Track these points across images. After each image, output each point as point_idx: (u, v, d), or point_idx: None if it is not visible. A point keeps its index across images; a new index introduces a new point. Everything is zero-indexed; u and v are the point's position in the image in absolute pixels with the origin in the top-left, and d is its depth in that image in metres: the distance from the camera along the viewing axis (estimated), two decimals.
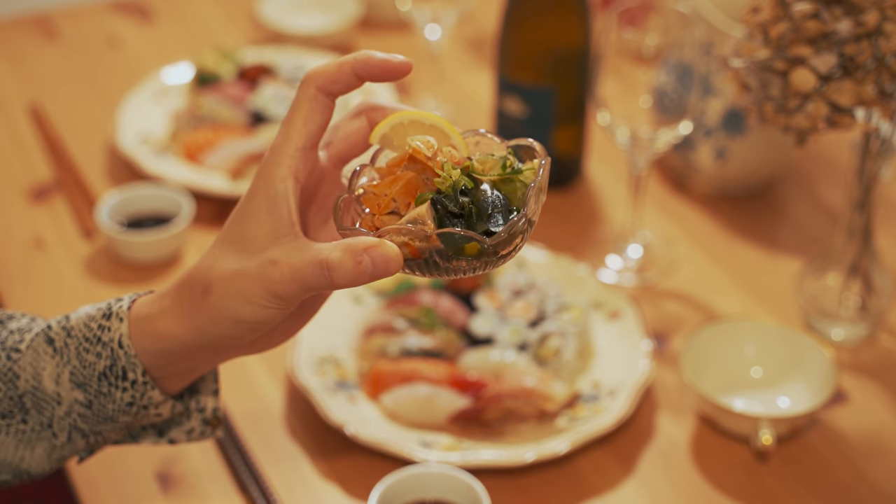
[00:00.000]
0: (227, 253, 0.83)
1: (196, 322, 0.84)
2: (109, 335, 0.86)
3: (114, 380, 0.87)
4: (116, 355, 0.86)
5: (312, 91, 0.84)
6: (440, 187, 0.80)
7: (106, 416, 0.89)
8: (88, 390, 0.87)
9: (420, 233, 0.79)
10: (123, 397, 0.87)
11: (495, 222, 0.81)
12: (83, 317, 0.88)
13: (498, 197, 0.82)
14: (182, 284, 0.85)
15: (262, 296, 0.81)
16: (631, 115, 1.32)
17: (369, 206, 0.83)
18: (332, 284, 0.79)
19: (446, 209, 0.80)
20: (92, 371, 0.87)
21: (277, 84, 1.65)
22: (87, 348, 0.87)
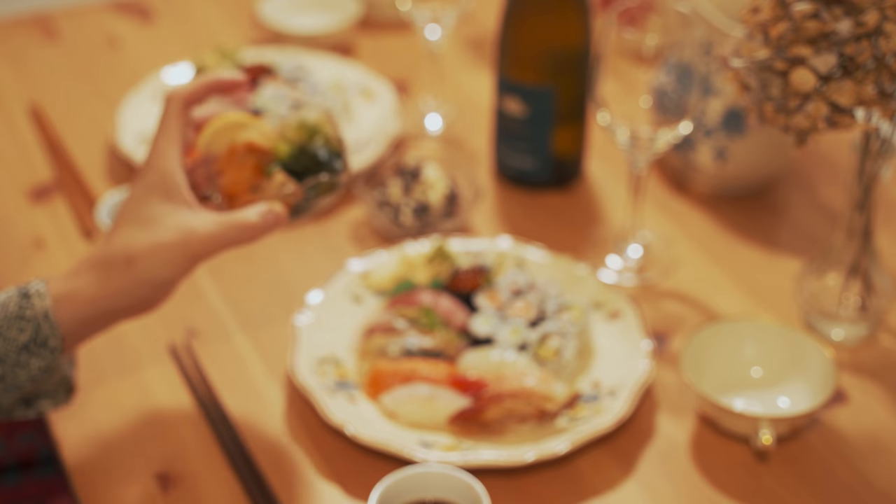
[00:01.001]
0: (137, 231, 1.06)
1: (120, 288, 1.06)
2: (33, 311, 1.04)
3: (35, 348, 1.04)
4: (40, 327, 1.04)
5: (179, 105, 1.12)
6: (279, 156, 1.14)
7: (15, 386, 1.05)
8: (6, 362, 1.04)
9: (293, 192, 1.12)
10: (39, 365, 1.05)
11: (330, 164, 1.14)
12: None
13: (325, 147, 1.15)
14: (99, 261, 1.06)
15: (184, 259, 1.07)
16: (631, 115, 1.32)
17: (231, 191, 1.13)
18: (249, 240, 1.08)
19: (293, 170, 1.14)
20: (13, 345, 1.04)
21: (277, 84, 1.65)
22: (9, 325, 1.04)
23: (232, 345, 1.31)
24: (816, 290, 1.31)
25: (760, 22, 1.15)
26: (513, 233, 1.48)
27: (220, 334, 1.33)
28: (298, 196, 1.13)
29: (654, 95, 1.34)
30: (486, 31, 1.90)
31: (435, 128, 1.68)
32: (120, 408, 1.23)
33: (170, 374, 1.27)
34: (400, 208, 1.43)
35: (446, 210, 1.43)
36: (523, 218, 1.51)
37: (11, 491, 1.42)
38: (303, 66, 1.69)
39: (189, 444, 1.19)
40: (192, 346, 1.31)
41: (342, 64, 1.74)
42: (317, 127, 1.15)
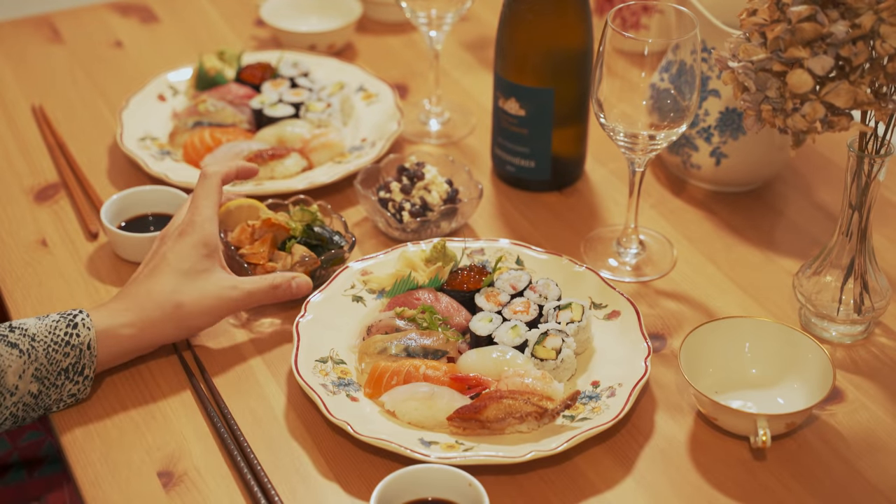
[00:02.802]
0: (185, 282, 1.24)
1: (162, 331, 1.23)
2: (79, 339, 1.17)
3: (72, 375, 1.18)
4: (83, 355, 1.18)
5: (218, 181, 1.32)
6: (294, 234, 1.38)
7: (44, 406, 1.18)
8: (45, 384, 1.16)
9: (312, 262, 1.36)
10: (71, 389, 1.19)
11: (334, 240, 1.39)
12: (43, 326, 1.17)
13: (323, 228, 1.40)
14: (145, 304, 1.22)
15: (225, 310, 1.26)
16: (630, 116, 1.33)
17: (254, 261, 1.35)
18: (275, 299, 1.29)
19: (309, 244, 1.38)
20: (57, 368, 1.17)
21: (278, 85, 1.66)
22: (55, 350, 1.16)
23: (233, 344, 1.32)
24: (813, 290, 1.32)
25: (758, 24, 1.15)
26: (512, 233, 1.49)
27: (222, 334, 1.33)
28: (316, 265, 1.35)
29: (652, 96, 1.34)
30: (486, 32, 1.91)
31: (435, 128, 1.69)
32: (122, 407, 1.24)
33: (172, 374, 1.28)
34: (400, 208, 1.44)
35: (446, 210, 1.44)
36: (523, 218, 1.52)
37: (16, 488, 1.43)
38: (303, 66, 1.70)
39: (191, 442, 1.20)
40: (194, 346, 1.31)
41: (342, 64, 1.75)
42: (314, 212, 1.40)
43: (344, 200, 1.53)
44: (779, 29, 1.13)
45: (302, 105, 1.62)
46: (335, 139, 1.59)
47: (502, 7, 1.48)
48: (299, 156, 1.56)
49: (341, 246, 1.38)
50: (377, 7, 1.92)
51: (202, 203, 1.29)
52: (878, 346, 1.33)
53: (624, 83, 1.31)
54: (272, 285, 1.28)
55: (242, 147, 1.55)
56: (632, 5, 1.55)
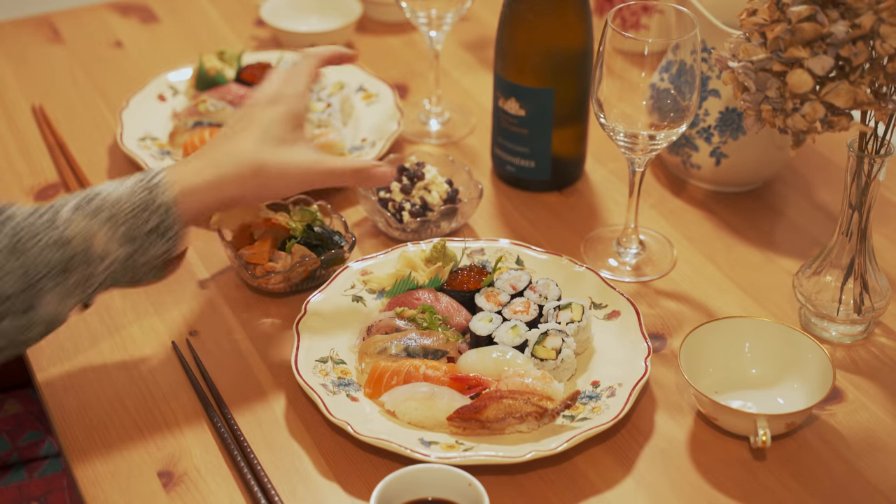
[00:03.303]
0: (270, 147, 1.23)
1: (241, 190, 1.22)
2: (159, 200, 1.17)
3: (158, 235, 1.18)
4: (167, 215, 1.18)
5: (316, 62, 1.32)
6: (294, 234, 1.38)
7: (135, 267, 1.18)
8: (134, 245, 1.17)
9: (312, 262, 1.36)
10: (161, 248, 1.18)
11: (334, 240, 1.39)
12: (123, 190, 1.17)
13: (323, 228, 1.40)
14: (224, 162, 1.21)
15: (303, 182, 1.25)
16: (630, 116, 1.33)
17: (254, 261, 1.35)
18: (355, 182, 1.29)
19: (309, 244, 1.38)
20: (143, 230, 1.17)
21: None
22: (138, 213, 1.16)
23: (233, 344, 1.32)
24: (813, 290, 1.32)
25: (758, 24, 1.15)
26: (512, 233, 1.49)
27: (222, 333, 1.33)
28: (316, 265, 1.36)
29: (652, 96, 1.34)
30: (486, 32, 1.91)
31: (435, 128, 1.69)
32: (123, 406, 1.24)
33: (172, 374, 1.28)
34: (400, 208, 1.44)
35: (446, 210, 1.44)
36: (523, 218, 1.52)
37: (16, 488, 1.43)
38: None
39: (191, 442, 1.20)
40: (195, 346, 1.32)
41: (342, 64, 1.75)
42: (314, 212, 1.41)
43: (344, 200, 1.54)
44: (779, 29, 1.13)
45: None
46: (335, 139, 1.59)
47: (502, 7, 1.49)
48: None
49: (341, 246, 1.39)
50: (377, 7, 1.92)
51: (295, 78, 1.29)
52: (878, 346, 1.33)
53: (624, 83, 1.31)
54: (354, 168, 1.28)
55: None
56: (632, 5, 1.55)
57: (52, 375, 1.28)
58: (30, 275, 1.11)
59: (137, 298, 1.38)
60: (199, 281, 1.41)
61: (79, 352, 1.31)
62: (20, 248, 1.11)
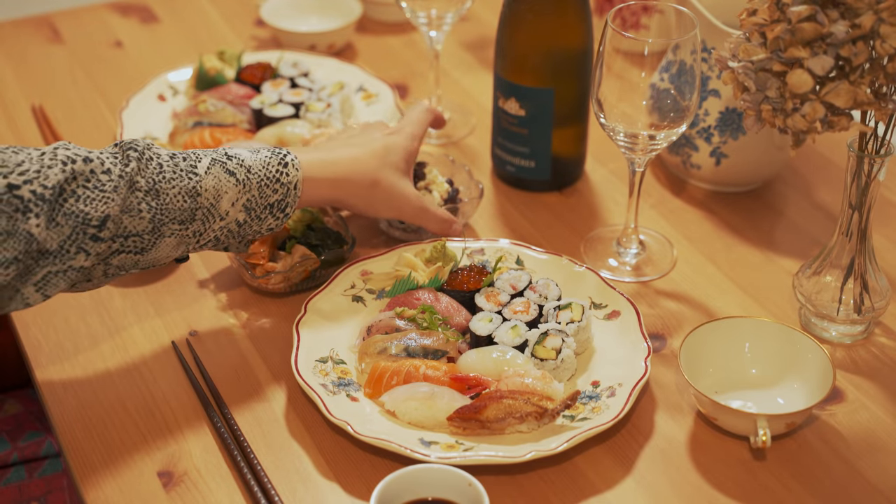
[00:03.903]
0: (389, 171, 1.33)
1: (351, 197, 1.32)
2: (288, 179, 1.25)
3: (276, 211, 1.25)
4: (289, 193, 1.25)
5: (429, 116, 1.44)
6: (294, 234, 1.40)
7: (242, 234, 1.24)
8: (252, 214, 1.23)
9: (312, 262, 1.37)
10: (271, 224, 1.25)
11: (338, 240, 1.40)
12: (258, 160, 1.23)
13: (323, 228, 1.42)
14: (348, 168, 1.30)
15: (400, 210, 1.35)
16: (630, 116, 1.33)
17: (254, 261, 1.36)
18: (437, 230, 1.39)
19: (309, 244, 1.39)
20: (265, 202, 1.23)
21: (278, 85, 1.66)
22: (267, 185, 1.23)
23: (233, 344, 1.32)
24: (813, 290, 1.32)
25: (758, 24, 1.16)
26: (512, 233, 1.49)
27: (222, 333, 1.33)
28: (316, 265, 1.37)
29: (652, 96, 1.34)
30: (486, 32, 1.91)
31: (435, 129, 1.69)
32: (123, 406, 1.24)
33: (172, 374, 1.28)
34: None
35: (447, 210, 1.44)
36: (523, 218, 1.52)
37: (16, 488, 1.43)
38: (303, 66, 1.70)
39: (191, 442, 1.20)
40: (195, 346, 1.32)
41: (342, 64, 1.75)
42: (314, 212, 1.42)
43: None
44: (779, 29, 1.13)
45: (302, 105, 1.62)
46: None
47: (502, 7, 1.49)
48: None
49: (341, 246, 1.39)
50: (377, 7, 1.92)
51: (411, 124, 1.40)
52: (878, 346, 1.33)
53: (624, 83, 1.31)
54: (442, 218, 1.38)
55: None
56: (632, 5, 1.55)
57: (52, 375, 1.28)
58: (159, 217, 1.16)
59: (137, 299, 1.38)
60: (199, 281, 1.41)
61: (79, 352, 1.31)
62: (158, 190, 1.16)
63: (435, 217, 1.38)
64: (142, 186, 1.15)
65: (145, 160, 1.16)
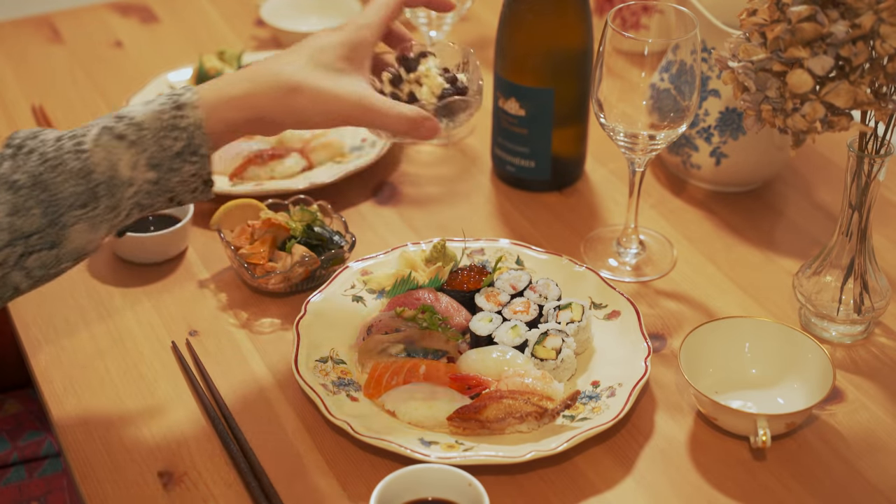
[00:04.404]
0: (313, 70, 1.15)
1: (271, 111, 1.14)
2: (187, 121, 1.11)
3: (188, 156, 1.12)
4: (193, 136, 1.11)
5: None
6: (294, 234, 1.38)
7: (167, 189, 1.13)
8: (161, 169, 1.11)
9: (312, 262, 1.36)
10: (190, 170, 1.12)
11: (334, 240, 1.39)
12: (149, 112, 1.11)
13: (323, 228, 1.40)
14: (262, 79, 1.14)
15: (339, 115, 1.15)
16: (630, 116, 1.33)
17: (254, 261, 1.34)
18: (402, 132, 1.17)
19: (309, 244, 1.38)
20: (168, 152, 1.11)
21: None
22: (164, 135, 1.11)
23: (233, 344, 1.32)
24: (813, 290, 1.32)
25: (758, 24, 1.16)
26: (512, 233, 1.49)
27: (222, 333, 1.33)
28: (316, 265, 1.36)
29: (652, 96, 1.34)
30: (486, 32, 1.91)
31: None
32: (123, 407, 1.24)
33: (172, 374, 1.28)
34: None
35: (439, 111, 1.24)
36: (523, 218, 1.52)
37: (16, 488, 1.43)
38: None
39: (191, 443, 1.20)
40: (195, 346, 1.32)
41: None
42: (314, 212, 1.40)
43: (344, 200, 1.54)
44: (779, 29, 1.13)
45: None
46: (335, 139, 1.59)
47: (502, 7, 1.49)
48: (299, 156, 1.56)
49: (341, 246, 1.39)
50: None
51: (370, 9, 1.22)
52: (878, 346, 1.33)
53: (624, 83, 1.31)
54: (407, 116, 1.17)
55: (242, 147, 1.55)
56: (632, 5, 1.55)
57: (53, 376, 1.28)
58: (53, 210, 1.08)
59: (137, 299, 1.38)
60: (199, 281, 1.41)
61: (79, 352, 1.31)
62: (43, 182, 1.07)
63: (390, 116, 1.17)
64: (23, 183, 1.07)
65: (24, 154, 1.08)
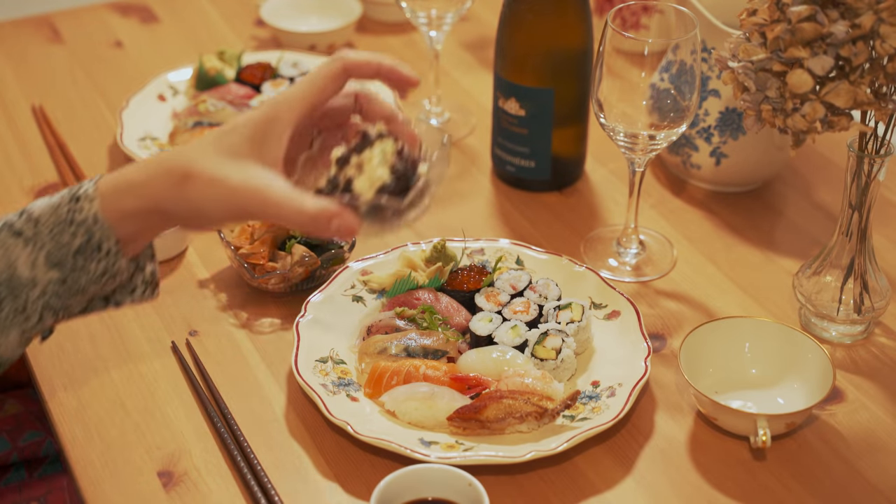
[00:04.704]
0: (212, 156, 0.96)
1: (165, 201, 0.97)
2: (83, 215, 0.98)
3: (90, 253, 0.98)
4: (91, 230, 0.98)
5: (339, 66, 1.00)
6: (294, 234, 1.37)
7: (78, 289, 1.00)
8: (64, 268, 0.98)
9: (312, 262, 1.35)
10: (97, 268, 0.99)
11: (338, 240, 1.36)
12: (45, 207, 0.99)
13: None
14: (159, 160, 0.98)
15: (237, 209, 0.96)
16: (630, 116, 1.33)
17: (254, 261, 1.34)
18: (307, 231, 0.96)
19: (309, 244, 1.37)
20: (68, 249, 0.98)
21: (278, 85, 1.66)
22: (61, 230, 0.98)
23: (233, 344, 1.32)
24: (813, 290, 1.32)
25: (758, 24, 1.16)
26: (512, 233, 1.49)
27: (222, 333, 1.33)
28: (316, 265, 1.34)
29: (652, 96, 1.34)
30: (486, 32, 1.91)
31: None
32: (123, 407, 1.24)
33: (172, 374, 1.28)
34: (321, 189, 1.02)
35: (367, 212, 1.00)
36: (523, 218, 1.52)
37: (16, 488, 1.43)
38: (303, 66, 1.70)
39: (191, 442, 1.20)
40: (195, 346, 1.31)
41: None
42: None
43: None
44: (779, 29, 1.13)
45: None
46: None
47: (502, 7, 1.49)
48: None
49: (341, 246, 1.39)
50: (377, 7, 1.92)
51: (297, 83, 1.01)
52: (878, 346, 1.33)
53: (624, 83, 1.31)
54: (310, 213, 0.95)
55: None
56: (632, 5, 1.56)
57: (52, 375, 1.28)
58: None
59: None
60: (199, 281, 1.41)
61: (79, 352, 1.31)
62: None
63: (289, 210, 0.95)
64: None
65: None
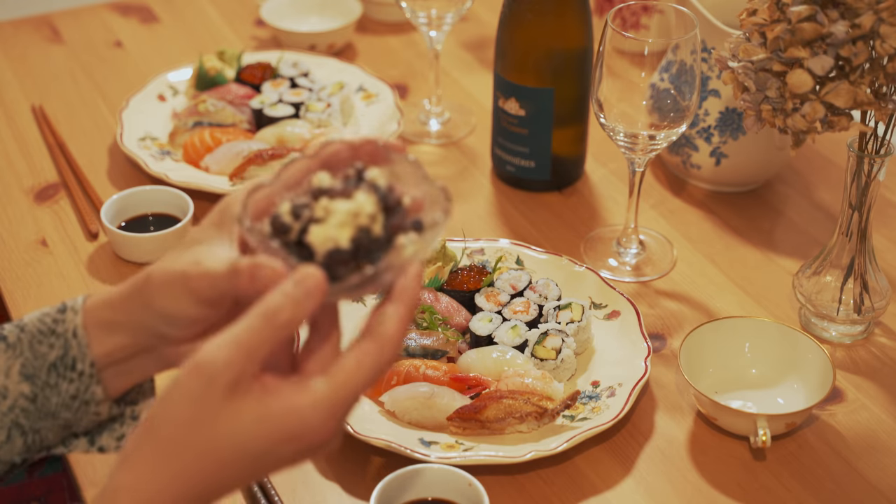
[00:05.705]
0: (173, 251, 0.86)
1: (132, 312, 0.87)
2: (64, 326, 0.90)
3: (63, 370, 0.90)
4: (69, 345, 0.89)
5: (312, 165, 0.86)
6: None
7: (48, 412, 0.90)
8: (36, 382, 0.90)
9: None
10: (69, 389, 0.90)
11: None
12: (37, 314, 0.91)
13: None
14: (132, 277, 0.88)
15: (185, 292, 0.83)
16: (630, 116, 1.33)
17: None
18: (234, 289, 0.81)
19: None
20: (43, 362, 0.90)
21: (278, 85, 1.66)
22: (40, 340, 0.90)
23: None
24: (813, 290, 1.32)
25: (758, 24, 1.16)
26: (512, 233, 1.49)
27: None
28: None
29: (652, 96, 1.34)
30: (486, 32, 1.91)
31: (435, 128, 1.69)
32: None
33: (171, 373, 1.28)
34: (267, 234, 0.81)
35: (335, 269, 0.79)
36: (523, 218, 1.52)
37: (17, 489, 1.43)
38: (303, 66, 1.70)
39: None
40: None
41: (342, 64, 1.75)
42: None
43: None
44: (779, 29, 1.13)
45: (302, 105, 1.62)
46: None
47: (502, 7, 1.49)
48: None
49: None
50: (377, 7, 1.92)
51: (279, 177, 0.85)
52: (878, 346, 1.33)
53: (624, 83, 1.31)
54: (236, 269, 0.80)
55: (242, 147, 1.55)
56: (632, 5, 1.55)
57: None
58: None
59: None
60: None
61: None
62: None
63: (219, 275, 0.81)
64: None
65: None
